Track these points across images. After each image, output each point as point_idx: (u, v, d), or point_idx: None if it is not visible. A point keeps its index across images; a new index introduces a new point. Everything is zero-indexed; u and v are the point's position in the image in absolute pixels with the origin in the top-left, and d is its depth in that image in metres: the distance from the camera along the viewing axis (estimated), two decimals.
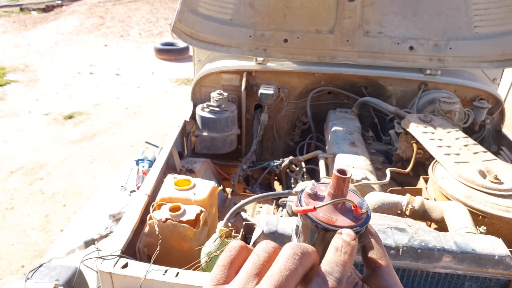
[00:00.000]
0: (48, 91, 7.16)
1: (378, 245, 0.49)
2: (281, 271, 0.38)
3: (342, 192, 0.48)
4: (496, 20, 2.40)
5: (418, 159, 2.17)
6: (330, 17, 2.51)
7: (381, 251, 0.49)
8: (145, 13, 12.75)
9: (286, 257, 0.40)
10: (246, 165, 2.65)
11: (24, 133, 5.57)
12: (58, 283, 1.45)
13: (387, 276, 0.47)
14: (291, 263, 0.39)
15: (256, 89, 2.71)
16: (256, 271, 0.40)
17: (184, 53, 9.06)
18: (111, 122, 5.99)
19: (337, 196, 0.48)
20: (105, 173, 4.57)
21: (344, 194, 0.49)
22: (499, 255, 1.19)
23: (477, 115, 2.53)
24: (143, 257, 1.58)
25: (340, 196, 0.48)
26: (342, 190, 0.48)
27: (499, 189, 1.61)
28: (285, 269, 0.38)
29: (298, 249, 0.41)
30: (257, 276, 0.40)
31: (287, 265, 0.39)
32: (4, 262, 3.29)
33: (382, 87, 2.69)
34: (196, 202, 1.68)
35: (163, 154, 2.14)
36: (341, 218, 0.47)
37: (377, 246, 0.49)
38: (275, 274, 0.38)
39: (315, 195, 0.51)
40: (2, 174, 4.56)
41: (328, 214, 0.48)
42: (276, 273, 0.38)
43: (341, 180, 0.48)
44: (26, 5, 13.68)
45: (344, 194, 0.49)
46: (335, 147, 2.21)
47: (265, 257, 0.41)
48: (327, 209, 0.48)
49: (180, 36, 2.53)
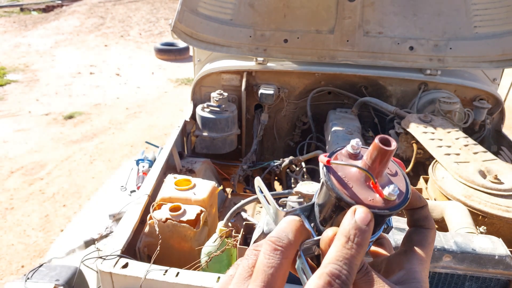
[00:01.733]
0: (48, 91, 7.16)
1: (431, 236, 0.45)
2: (265, 270, 0.37)
3: (378, 166, 0.39)
4: (496, 20, 2.40)
5: (418, 159, 2.17)
6: (330, 17, 2.51)
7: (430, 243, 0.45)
8: (145, 13, 12.74)
9: (267, 254, 0.38)
10: (246, 165, 2.64)
11: (24, 133, 5.57)
12: (58, 283, 1.45)
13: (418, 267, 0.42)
14: (273, 259, 0.38)
15: (256, 89, 2.71)
16: (246, 274, 0.39)
17: (184, 53, 9.07)
18: (111, 122, 5.99)
19: (371, 170, 0.39)
20: (105, 173, 4.57)
21: (380, 169, 0.39)
22: (499, 255, 1.19)
23: (477, 115, 2.53)
24: (143, 257, 1.58)
25: (375, 170, 0.39)
26: (379, 164, 0.39)
27: (499, 189, 1.61)
28: (269, 267, 0.37)
29: (278, 242, 0.39)
30: (248, 278, 0.39)
31: (269, 262, 0.38)
32: (4, 262, 3.29)
33: (382, 87, 2.70)
34: (196, 202, 1.68)
35: (163, 154, 2.14)
36: (362, 191, 0.39)
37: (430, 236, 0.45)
38: (259, 274, 0.37)
39: (355, 156, 0.42)
40: (2, 174, 4.56)
41: (350, 180, 0.39)
42: (260, 273, 0.37)
43: (380, 151, 0.38)
44: (26, 5, 13.68)
45: (378, 170, 0.39)
46: (335, 147, 2.21)
47: (254, 260, 0.40)
48: (354, 175, 0.40)
49: (180, 36, 2.53)
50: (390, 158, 0.39)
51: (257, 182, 0.48)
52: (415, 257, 0.43)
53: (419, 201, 0.45)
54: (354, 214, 0.37)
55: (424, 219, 0.46)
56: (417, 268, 0.42)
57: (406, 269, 0.42)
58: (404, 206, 0.40)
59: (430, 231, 0.45)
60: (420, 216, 0.46)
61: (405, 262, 0.43)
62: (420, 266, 0.42)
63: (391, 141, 0.38)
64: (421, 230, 0.46)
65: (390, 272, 0.43)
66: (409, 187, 0.42)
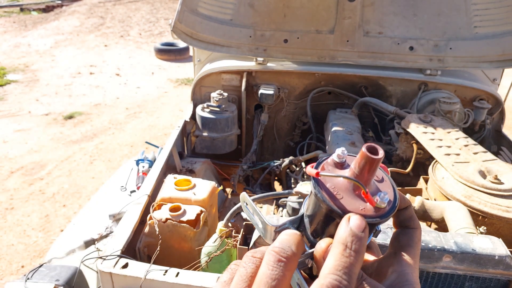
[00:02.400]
0: (48, 91, 7.16)
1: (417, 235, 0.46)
2: (268, 281, 0.36)
3: (367, 175, 0.39)
4: (496, 20, 2.40)
5: (418, 159, 2.17)
6: (330, 17, 2.51)
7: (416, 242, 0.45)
8: (145, 13, 12.75)
9: (271, 265, 0.37)
10: (246, 165, 2.64)
11: (24, 133, 5.57)
12: (58, 283, 1.45)
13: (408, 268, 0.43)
14: (277, 271, 0.36)
15: (256, 89, 2.71)
16: (244, 284, 0.38)
17: (184, 53, 9.07)
18: (111, 122, 5.99)
19: (360, 178, 0.39)
20: (105, 173, 4.57)
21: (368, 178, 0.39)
22: (499, 255, 1.19)
23: (477, 115, 2.53)
24: (143, 257, 1.58)
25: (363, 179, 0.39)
26: (367, 173, 0.39)
27: (499, 189, 1.61)
28: (272, 279, 0.36)
29: (282, 253, 0.38)
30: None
31: (273, 274, 0.36)
32: (4, 262, 3.29)
33: (382, 87, 2.70)
34: (196, 202, 1.68)
35: (163, 154, 2.14)
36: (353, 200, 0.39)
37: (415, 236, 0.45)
38: (262, 286, 0.36)
39: (341, 165, 0.42)
40: (2, 174, 4.56)
41: (339, 191, 0.39)
42: (262, 284, 0.36)
43: (368, 160, 0.38)
44: (26, 5, 13.69)
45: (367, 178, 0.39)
46: (335, 147, 2.21)
47: (253, 268, 0.39)
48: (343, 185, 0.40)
49: (180, 36, 2.53)
50: (378, 166, 0.39)
51: (242, 198, 0.47)
52: (405, 258, 0.43)
53: (404, 202, 0.46)
54: (348, 222, 0.38)
55: (409, 219, 0.47)
56: (408, 270, 0.42)
57: (398, 272, 0.42)
58: (393, 212, 0.41)
59: (416, 231, 0.46)
60: (405, 216, 0.47)
61: (396, 265, 0.43)
62: (410, 268, 0.43)
63: (378, 149, 0.39)
64: (407, 230, 0.46)
65: (381, 275, 0.43)
66: (397, 192, 0.43)
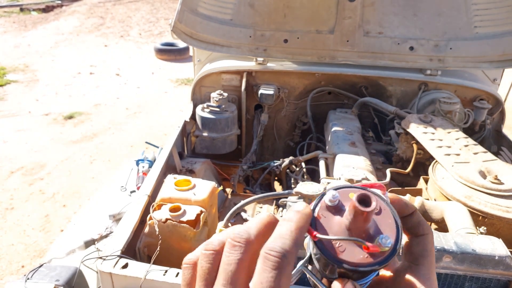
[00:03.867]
0: (48, 91, 7.16)
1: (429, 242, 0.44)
2: (225, 268, 0.37)
3: (362, 224, 0.38)
4: (496, 20, 2.40)
5: (418, 159, 2.17)
6: (330, 17, 2.51)
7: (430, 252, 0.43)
8: (145, 13, 12.74)
9: (228, 251, 0.37)
10: (246, 165, 2.64)
11: (24, 133, 5.57)
12: (58, 283, 1.45)
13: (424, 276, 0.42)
14: (234, 256, 0.37)
15: (256, 89, 2.71)
16: (205, 282, 0.38)
17: (184, 53, 9.07)
18: (111, 122, 5.99)
19: (356, 229, 0.38)
20: (105, 173, 4.57)
21: (365, 225, 0.38)
22: (499, 255, 1.19)
23: (477, 116, 2.53)
24: (143, 257, 1.58)
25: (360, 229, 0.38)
26: (363, 223, 0.38)
27: (499, 189, 1.61)
28: (229, 264, 0.37)
29: (236, 237, 0.38)
30: (208, 286, 0.38)
31: (229, 260, 0.37)
32: (4, 262, 3.29)
33: (382, 87, 2.69)
34: (196, 203, 1.68)
35: (163, 155, 2.14)
36: (356, 250, 0.38)
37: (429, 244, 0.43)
38: (222, 274, 0.37)
39: (335, 208, 0.41)
40: (2, 174, 4.56)
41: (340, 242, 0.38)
42: (222, 272, 0.37)
43: (360, 213, 0.37)
44: (26, 5, 13.68)
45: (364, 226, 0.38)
46: (335, 147, 2.21)
47: (208, 267, 0.39)
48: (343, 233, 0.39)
49: (180, 36, 2.53)
50: (372, 215, 0.38)
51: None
52: (422, 273, 0.42)
53: (407, 208, 0.44)
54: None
55: (417, 226, 0.44)
56: (426, 284, 0.42)
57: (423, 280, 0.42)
58: (399, 246, 0.39)
59: (427, 237, 0.44)
60: (413, 223, 0.44)
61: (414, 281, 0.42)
62: (428, 282, 0.42)
63: (371, 199, 0.37)
64: (418, 239, 0.44)
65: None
66: (399, 223, 0.40)
